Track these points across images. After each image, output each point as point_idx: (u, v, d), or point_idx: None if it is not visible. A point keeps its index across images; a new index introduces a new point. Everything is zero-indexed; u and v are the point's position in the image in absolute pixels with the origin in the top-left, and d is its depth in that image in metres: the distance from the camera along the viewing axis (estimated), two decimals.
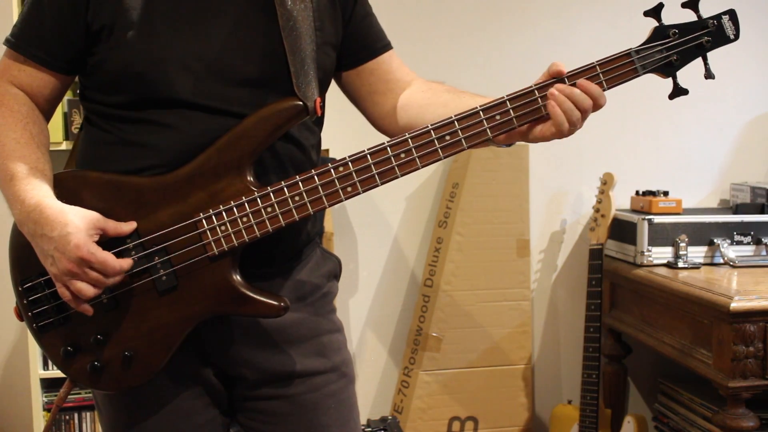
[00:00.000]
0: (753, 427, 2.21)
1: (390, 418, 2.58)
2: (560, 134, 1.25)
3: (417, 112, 1.40)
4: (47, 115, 1.33)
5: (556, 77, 1.24)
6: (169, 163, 1.23)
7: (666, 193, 2.71)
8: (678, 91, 1.27)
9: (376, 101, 1.45)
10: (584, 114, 1.23)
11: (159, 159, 1.24)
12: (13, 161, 1.22)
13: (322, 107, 1.31)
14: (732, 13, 1.25)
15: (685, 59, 1.25)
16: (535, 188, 2.93)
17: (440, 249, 2.81)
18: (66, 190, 1.24)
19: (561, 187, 2.99)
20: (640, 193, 2.79)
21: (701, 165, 3.06)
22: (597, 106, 1.24)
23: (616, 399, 2.84)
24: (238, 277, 1.24)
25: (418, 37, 2.79)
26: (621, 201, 2.82)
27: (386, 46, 1.45)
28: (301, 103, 1.24)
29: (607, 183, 2.68)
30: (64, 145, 2.52)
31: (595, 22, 2.94)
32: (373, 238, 2.89)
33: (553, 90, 1.23)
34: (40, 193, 1.20)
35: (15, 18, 2.43)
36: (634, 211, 2.78)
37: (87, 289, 1.17)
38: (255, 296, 1.24)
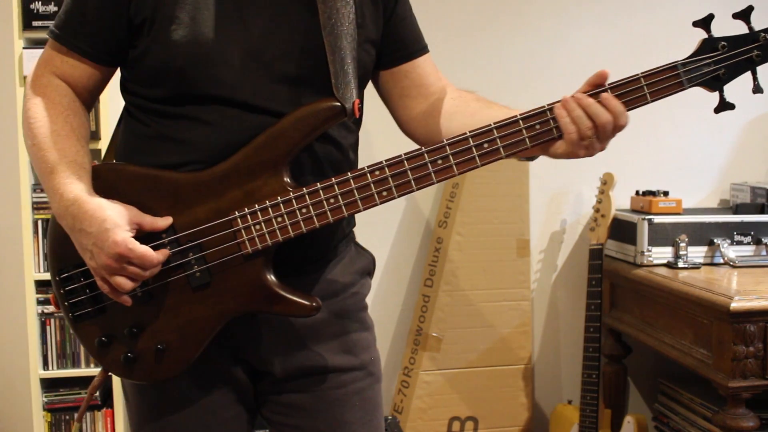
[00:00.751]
0: (753, 427, 2.21)
1: (390, 418, 2.58)
2: (572, 146, 1.21)
3: (444, 119, 1.40)
4: (88, 107, 1.34)
5: (598, 83, 1.21)
6: (207, 159, 1.24)
7: (666, 193, 2.71)
8: (724, 106, 1.24)
9: (406, 105, 1.44)
10: (600, 129, 1.19)
11: (196, 155, 1.25)
12: (52, 153, 1.23)
13: (360, 108, 1.31)
14: None
15: (733, 73, 1.22)
16: (535, 188, 2.93)
17: (440, 249, 2.81)
18: (104, 183, 1.25)
19: (561, 187, 2.99)
20: (640, 193, 2.79)
21: (701, 165, 3.06)
22: (618, 125, 1.20)
23: (616, 399, 2.84)
24: (272, 276, 1.25)
25: None
26: (621, 201, 2.82)
27: (423, 49, 1.44)
28: (339, 104, 1.24)
29: (607, 183, 2.68)
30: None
31: (595, 23, 2.94)
32: (373, 238, 2.89)
33: (566, 96, 1.21)
34: (78, 187, 1.21)
35: (15, 17, 2.43)
36: (634, 211, 2.78)
37: (126, 283, 1.19)
38: (287, 296, 1.25)
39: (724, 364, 2.18)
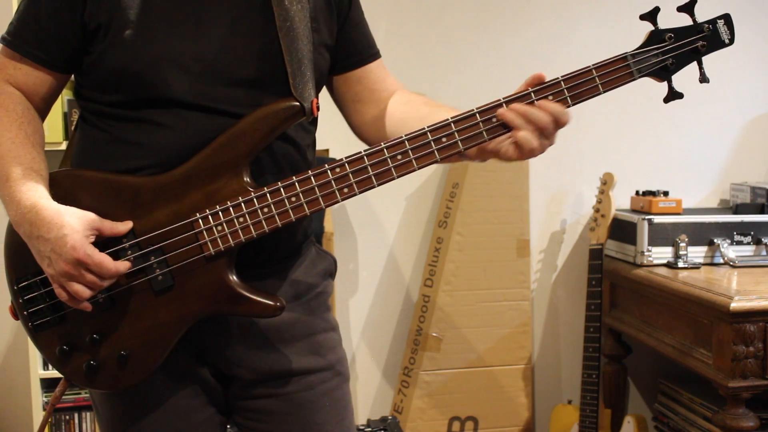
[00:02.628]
0: (753, 427, 2.21)
1: (390, 418, 2.58)
2: (522, 153, 1.22)
3: (395, 123, 1.40)
4: (43, 114, 1.32)
5: (536, 84, 1.23)
6: (165, 162, 1.23)
7: (666, 193, 2.72)
8: (673, 95, 1.27)
9: (358, 109, 1.45)
10: (543, 130, 1.21)
11: (155, 159, 1.24)
12: (8, 162, 1.22)
13: (318, 108, 1.31)
14: (727, 18, 1.26)
15: (680, 63, 1.25)
16: (535, 188, 2.93)
17: (440, 249, 2.81)
18: (61, 190, 1.23)
19: (561, 187, 2.99)
20: (640, 193, 2.79)
21: (701, 165, 3.06)
22: (561, 124, 1.22)
23: (616, 399, 2.84)
24: (234, 277, 1.24)
25: (418, 36, 2.79)
26: (621, 201, 2.83)
27: (375, 55, 1.45)
28: (298, 103, 1.24)
29: (607, 183, 2.68)
30: (64, 145, 2.51)
31: (594, 23, 2.94)
32: (373, 238, 2.89)
33: (502, 109, 1.21)
34: (35, 194, 1.19)
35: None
36: (634, 211, 2.78)
37: (83, 291, 1.17)
38: (251, 296, 1.24)
39: (724, 364, 2.18)
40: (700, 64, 1.27)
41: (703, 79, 1.27)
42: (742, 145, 3.07)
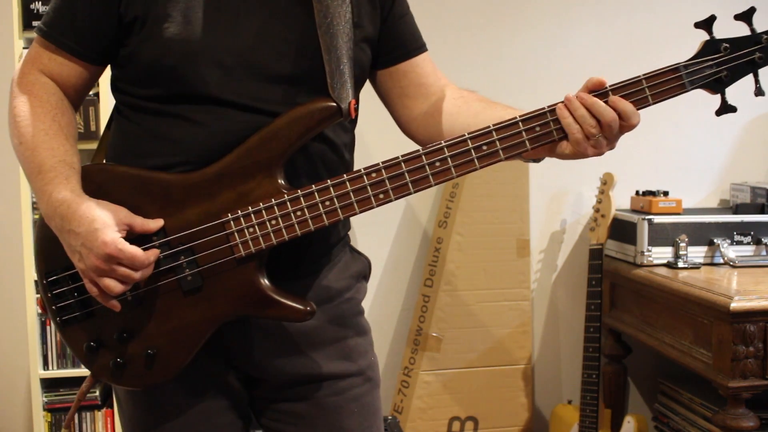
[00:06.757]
0: (753, 427, 2.21)
1: (390, 418, 2.58)
2: (577, 146, 1.18)
3: (446, 119, 1.37)
4: (76, 106, 1.31)
5: (595, 89, 1.19)
6: (198, 160, 1.22)
7: (666, 193, 2.71)
8: (726, 108, 1.22)
9: (406, 104, 1.41)
10: (606, 128, 1.17)
11: (188, 156, 1.22)
12: (40, 153, 1.20)
13: (356, 108, 1.29)
14: None
15: (735, 76, 1.20)
16: (535, 188, 2.93)
17: (440, 249, 2.81)
18: (93, 184, 1.22)
19: (561, 187, 2.99)
20: (640, 193, 2.79)
21: (701, 165, 3.06)
22: (629, 125, 1.18)
23: (616, 399, 2.84)
24: (265, 280, 1.22)
25: None
26: (621, 201, 2.82)
27: (421, 48, 1.42)
28: (335, 104, 1.21)
29: (607, 183, 2.68)
30: None
31: (595, 23, 2.93)
32: (373, 238, 2.89)
33: (569, 95, 1.18)
34: (67, 187, 1.18)
35: (15, 18, 2.43)
36: (634, 211, 2.78)
37: (115, 286, 1.16)
38: (281, 300, 1.22)
39: (724, 364, 2.18)
40: (756, 76, 1.22)
41: (759, 92, 1.22)
42: (742, 145, 3.07)
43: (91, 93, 2.11)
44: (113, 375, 1.25)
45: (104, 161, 1.34)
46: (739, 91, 1.32)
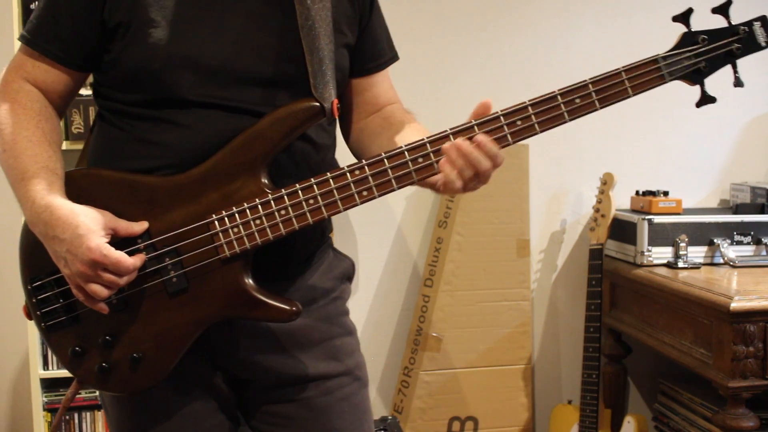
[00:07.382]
0: (753, 427, 2.21)
1: (390, 418, 2.58)
2: (447, 191, 1.23)
3: (371, 138, 1.39)
4: (60, 112, 1.31)
5: (481, 117, 1.20)
6: (183, 162, 1.22)
7: (666, 193, 2.71)
8: (706, 99, 1.23)
9: (353, 118, 1.43)
10: (481, 175, 1.21)
11: (172, 158, 1.22)
12: (24, 160, 1.21)
13: (339, 109, 1.29)
14: (764, 20, 1.21)
15: (713, 66, 1.21)
16: (535, 188, 2.93)
17: (440, 249, 2.81)
18: (77, 189, 1.22)
19: (561, 187, 2.99)
20: (640, 193, 2.79)
21: (701, 165, 3.06)
22: (495, 166, 1.22)
23: (616, 399, 2.84)
24: (250, 281, 1.23)
25: (419, 36, 2.79)
26: (621, 201, 2.82)
27: (393, 59, 1.43)
28: (318, 104, 1.22)
29: (607, 183, 2.68)
30: (65, 145, 2.51)
31: (595, 23, 2.93)
32: (373, 238, 2.89)
33: (446, 146, 1.18)
34: (51, 193, 1.18)
35: (15, 18, 2.43)
36: (634, 211, 2.78)
37: (101, 291, 1.16)
38: (266, 300, 1.22)
39: (724, 364, 2.18)
40: (734, 67, 1.23)
41: (738, 83, 1.23)
42: (742, 145, 3.07)
43: (90, 94, 2.10)
44: (98, 380, 1.25)
45: (87, 167, 1.33)
46: (739, 91, 1.32)
